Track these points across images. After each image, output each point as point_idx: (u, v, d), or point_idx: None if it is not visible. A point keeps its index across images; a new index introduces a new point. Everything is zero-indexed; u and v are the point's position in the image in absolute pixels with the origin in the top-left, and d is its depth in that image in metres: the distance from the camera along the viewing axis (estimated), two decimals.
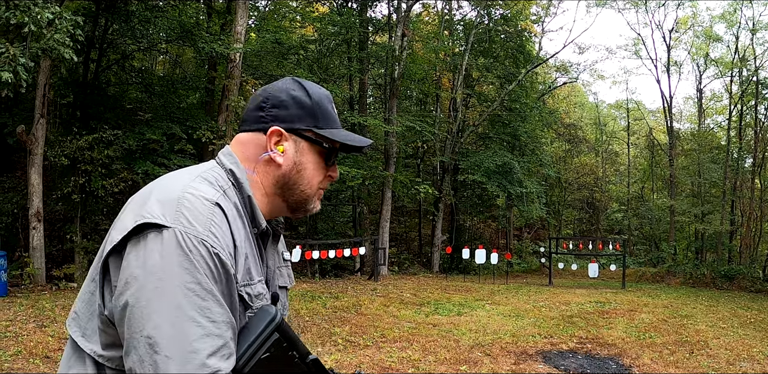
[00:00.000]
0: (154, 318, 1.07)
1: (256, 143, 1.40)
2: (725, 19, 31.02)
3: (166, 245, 1.12)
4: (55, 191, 13.69)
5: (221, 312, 1.13)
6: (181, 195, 1.20)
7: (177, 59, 25.01)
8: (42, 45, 10.29)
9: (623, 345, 10.25)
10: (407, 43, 23.05)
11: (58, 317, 8.94)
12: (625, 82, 64.48)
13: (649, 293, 19.01)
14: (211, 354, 1.09)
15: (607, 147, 45.04)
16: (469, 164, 24.87)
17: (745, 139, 29.38)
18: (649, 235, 37.87)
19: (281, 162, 1.39)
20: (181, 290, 1.10)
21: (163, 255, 1.11)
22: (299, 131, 1.40)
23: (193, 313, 1.09)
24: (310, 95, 1.41)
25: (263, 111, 1.40)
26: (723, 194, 28.08)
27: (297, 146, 1.40)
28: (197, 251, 1.13)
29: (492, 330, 11.07)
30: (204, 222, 1.17)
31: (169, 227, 1.13)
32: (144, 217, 1.15)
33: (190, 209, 1.17)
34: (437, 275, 22.98)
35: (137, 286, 1.10)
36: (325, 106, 1.43)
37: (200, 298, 1.11)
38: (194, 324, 1.09)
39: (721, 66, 32.76)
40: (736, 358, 9.74)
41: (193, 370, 1.06)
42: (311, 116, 1.40)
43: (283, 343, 1.24)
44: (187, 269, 1.11)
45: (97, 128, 14.04)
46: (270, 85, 1.45)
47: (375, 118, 22.32)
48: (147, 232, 1.13)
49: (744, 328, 12.82)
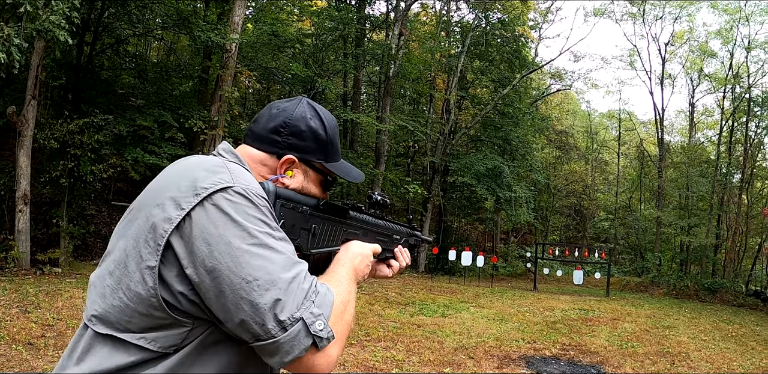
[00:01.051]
0: (252, 264, 1.16)
1: (267, 164, 1.48)
2: (721, 36, 31.20)
3: (236, 201, 1.21)
4: (44, 175, 13.49)
5: (292, 247, 1.27)
6: (227, 164, 1.31)
7: (172, 46, 24.89)
8: (37, 26, 10.16)
9: (606, 354, 10.25)
10: (404, 43, 23.01)
11: (42, 303, 8.82)
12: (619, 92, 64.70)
13: (632, 302, 19.06)
14: (305, 273, 1.24)
15: (597, 156, 45.20)
16: (459, 166, 24.87)
17: (735, 155, 29.56)
18: (635, 245, 37.99)
19: (288, 184, 1.48)
20: (263, 235, 1.20)
21: (237, 209, 1.20)
22: (311, 162, 1.51)
23: (279, 250, 1.21)
24: (326, 128, 1.52)
25: (280, 136, 1.48)
26: (710, 207, 28.21)
27: (306, 175, 1.52)
28: (262, 201, 1.25)
29: (476, 332, 11.04)
30: (255, 184, 1.30)
31: (233, 185, 1.22)
32: (207, 188, 1.21)
33: (240, 173, 1.29)
34: (423, 276, 22.93)
35: (224, 243, 1.16)
36: (336, 139, 1.56)
37: (276, 239, 1.23)
38: (284, 257, 1.21)
39: (714, 82, 32.96)
40: (717, 371, 9.75)
41: (302, 291, 1.20)
42: (323, 151, 1.53)
43: (289, 205, 1.39)
44: (260, 218, 1.22)
45: (88, 111, 13.89)
46: (287, 107, 1.52)
47: (368, 115, 22.27)
48: (212, 196, 1.20)
49: (725, 342, 12.86)
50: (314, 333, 1.17)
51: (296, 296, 1.17)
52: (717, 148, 31.11)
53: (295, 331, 1.15)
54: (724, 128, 30.47)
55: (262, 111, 1.54)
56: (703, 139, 37.55)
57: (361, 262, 1.56)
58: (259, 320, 1.14)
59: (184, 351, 1.21)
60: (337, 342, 1.23)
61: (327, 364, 1.22)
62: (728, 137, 29.80)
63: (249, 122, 1.58)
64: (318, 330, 1.18)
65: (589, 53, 67.63)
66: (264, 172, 1.47)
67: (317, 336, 1.17)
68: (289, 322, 1.15)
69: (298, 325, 1.16)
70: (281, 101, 1.55)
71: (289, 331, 1.15)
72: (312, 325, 1.17)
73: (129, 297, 1.21)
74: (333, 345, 1.22)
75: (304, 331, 1.16)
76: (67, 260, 13.45)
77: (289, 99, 1.56)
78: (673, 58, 34.98)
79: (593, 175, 44.06)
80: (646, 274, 29.82)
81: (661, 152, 32.25)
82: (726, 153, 29.82)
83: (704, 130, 38.87)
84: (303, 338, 1.16)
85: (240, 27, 16.01)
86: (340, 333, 1.25)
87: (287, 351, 1.16)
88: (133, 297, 1.20)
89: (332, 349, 1.22)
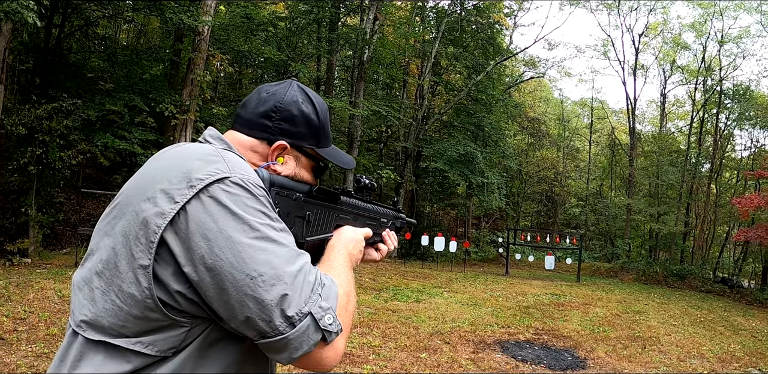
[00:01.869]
0: (255, 259, 1.11)
1: (258, 151, 1.42)
2: (695, 29, 31.55)
3: (235, 192, 1.15)
4: (11, 162, 13.13)
5: (292, 238, 1.22)
6: (221, 153, 1.24)
7: (142, 29, 24.43)
8: (5, 7, 9.86)
9: (578, 338, 10.36)
10: (378, 27, 22.86)
11: (12, 295, 8.63)
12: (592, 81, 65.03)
13: (603, 287, 19.29)
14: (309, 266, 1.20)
15: (569, 143, 45.53)
16: (432, 152, 24.90)
17: (705, 145, 30.01)
18: (605, 231, 38.48)
19: (280, 171, 1.42)
20: (265, 227, 1.15)
21: (236, 201, 1.14)
22: (302, 147, 1.46)
23: (282, 242, 1.16)
24: (318, 113, 1.47)
25: (271, 121, 1.42)
26: (679, 196, 28.63)
27: (297, 161, 1.47)
28: (261, 192, 1.20)
29: (450, 318, 11.08)
30: (253, 173, 1.24)
31: (230, 176, 1.16)
32: (202, 179, 1.15)
33: (237, 162, 1.23)
34: (395, 261, 22.95)
35: (225, 238, 1.11)
36: (328, 124, 1.51)
37: (277, 231, 1.18)
38: (287, 250, 1.16)
39: (686, 73, 33.38)
40: (687, 355, 9.92)
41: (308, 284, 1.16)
42: (315, 136, 1.47)
43: (284, 192, 1.34)
44: (260, 209, 1.17)
45: (56, 96, 13.56)
46: (278, 90, 1.46)
47: (341, 100, 22.09)
48: (209, 188, 1.14)
49: (694, 326, 13.08)
50: (324, 327, 1.14)
51: (303, 290, 1.14)
52: (687, 138, 31.61)
53: (304, 326, 1.12)
54: (695, 119, 30.94)
55: (251, 95, 1.48)
56: (674, 129, 38.08)
57: (355, 247, 1.54)
58: (266, 317, 1.10)
59: (184, 353, 1.16)
60: (344, 333, 1.21)
61: (335, 357, 1.19)
62: (699, 128, 30.28)
63: (237, 107, 1.51)
64: (327, 324, 1.15)
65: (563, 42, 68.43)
66: (254, 159, 1.41)
67: (327, 330, 1.15)
68: (297, 318, 1.11)
69: (306, 320, 1.12)
70: (270, 85, 1.49)
71: (297, 327, 1.11)
72: (321, 319, 1.14)
73: (122, 300, 1.14)
74: (340, 338, 1.19)
75: (314, 326, 1.13)
76: (37, 250, 13.17)
77: (278, 82, 1.50)
78: (647, 49, 35.35)
79: (565, 162, 44.40)
80: (616, 260, 30.26)
81: (632, 141, 32.61)
82: (696, 143, 30.31)
83: (675, 120, 39.42)
84: (312, 333, 1.13)
85: (212, 9, 15.75)
86: (346, 324, 1.23)
87: (296, 347, 1.13)
88: (127, 299, 1.13)
89: (340, 341, 1.19)
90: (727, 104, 29.42)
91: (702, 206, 28.87)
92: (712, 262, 28.22)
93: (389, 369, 7.16)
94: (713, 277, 25.19)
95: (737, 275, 27.48)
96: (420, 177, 28.83)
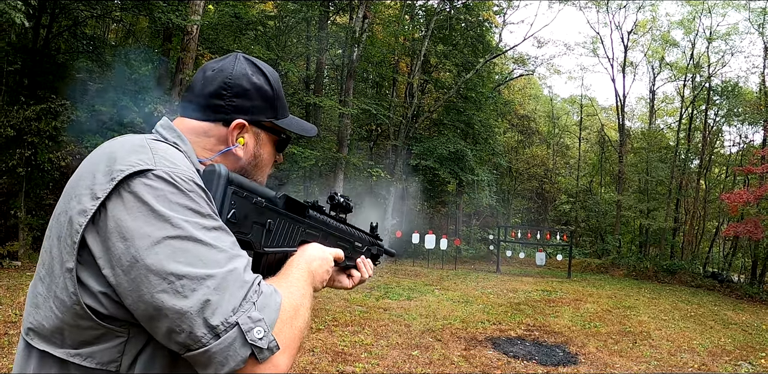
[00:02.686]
0: (175, 260, 0.98)
1: (215, 135, 1.30)
2: (683, 26, 31.72)
3: (157, 186, 1.03)
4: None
5: (230, 239, 1.08)
6: (149, 143, 1.13)
7: (131, 29, 24.32)
8: None
9: (569, 334, 10.40)
10: (368, 26, 22.84)
11: (3, 299, 8.59)
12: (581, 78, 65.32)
13: (593, 283, 19.36)
14: (243, 270, 1.05)
15: (558, 140, 45.61)
16: (422, 150, 24.93)
17: (693, 141, 30.17)
18: (596, 227, 38.59)
19: (242, 155, 1.33)
20: (191, 226, 1.02)
21: (158, 196, 1.02)
22: (261, 122, 1.36)
23: (210, 243, 1.03)
24: (271, 82, 1.36)
25: (223, 100, 1.29)
26: (669, 192, 28.77)
27: (257, 138, 1.37)
28: (190, 186, 1.06)
29: (442, 315, 11.11)
30: (183, 162, 1.13)
31: (153, 168, 1.04)
32: (122, 171, 1.03)
33: (165, 152, 1.11)
34: (386, 259, 22.97)
35: (142, 236, 0.99)
36: (282, 93, 1.41)
37: (208, 230, 1.04)
38: (216, 251, 1.03)
39: (675, 70, 33.53)
40: (677, 350, 9.98)
41: (239, 290, 1.02)
42: (272, 107, 1.37)
43: (243, 193, 1.19)
44: (187, 206, 1.04)
45: (45, 97, 13.50)
46: (224, 65, 1.33)
47: (330, 99, 22.08)
48: (129, 182, 1.02)
49: (684, 321, 13.14)
50: (252, 341, 0.99)
51: (233, 296, 1.00)
52: (676, 134, 31.74)
53: (229, 339, 0.98)
54: (684, 115, 31.08)
55: (195, 76, 1.35)
56: (663, 125, 38.22)
57: (321, 266, 1.39)
58: (186, 327, 0.97)
59: (127, 368, 1.03)
60: (286, 350, 1.06)
61: None
62: (687, 124, 30.43)
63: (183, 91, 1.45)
64: (256, 339, 1.00)
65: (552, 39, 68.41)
66: (210, 144, 1.30)
67: (256, 345, 0.99)
68: (222, 328, 0.98)
69: (233, 332, 0.98)
70: (214, 61, 1.37)
71: (222, 338, 0.97)
72: (249, 332, 0.99)
73: (57, 306, 1.05)
74: (281, 355, 1.04)
75: (240, 340, 0.99)
76: (27, 253, 13.08)
77: (222, 57, 1.37)
78: (636, 47, 35.51)
79: (555, 159, 44.49)
80: (607, 256, 30.36)
81: (621, 138, 32.74)
82: (685, 140, 30.45)
83: (664, 117, 39.56)
84: (239, 347, 0.98)
85: (201, 8, 15.72)
86: (289, 341, 1.08)
87: (221, 363, 0.98)
88: (60, 306, 1.04)
89: (280, 359, 1.04)
90: (715, 100, 29.61)
91: (691, 201, 29.05)
92: (702, 257, 28.40)
93: (381, 367, 7.17)
94: (703, 272, 25.32)
95: (727, 270, 27.64)
96: (410, 175, 28.85)
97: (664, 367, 8.68)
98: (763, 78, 27.61)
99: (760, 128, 27.17)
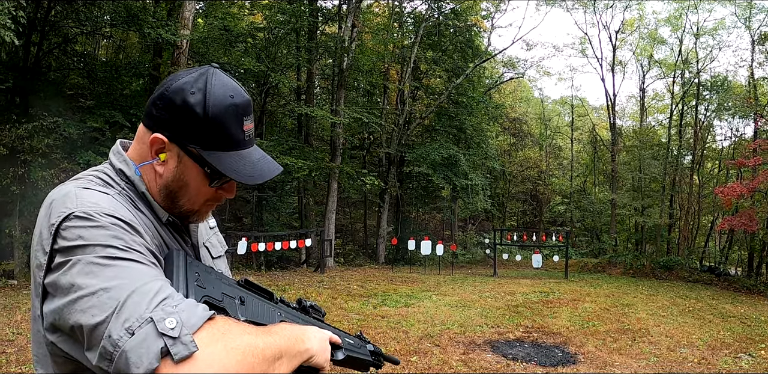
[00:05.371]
0: (92, 281, 0.98)
1: (145, 142, 1.26)
2: (671, 23, 31.85)
3: (76, 225, 1.06)
4: None
5: (151, 271, 1.05)
6: (75, 189, 1.16)
7: (121, 44, 24.36)
8: None
9: (568, 334, 10.42)
10: (357, 35, 22.94)
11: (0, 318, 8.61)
12: (571, 79, 65.50)
13: (591, 283, 19.36)
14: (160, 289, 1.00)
15: (551, 142, 45.74)
16: (415, 156, 24.97)
17: (685, 137, 30.27)
18: (591, 227, 38.67)
19: (161, 172, 1.26)
20: (115, 249, 1.03)
21: (82, 235, 1.05)
22: (185, 144, 1.23)
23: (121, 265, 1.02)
24: (207, 106, 1.19)
25: (156, 109, 1.23)
26: (662, 188, 28.79)
27: (179, 161, 1.25)
28: (108, 219, 1.08)
29: (440, 320, 11.12)
30: (107, 201, 1.14)
31: (74, 210, 1.08)
32: (54, 223, 1.08)
33: (88, 195, 1.14)
34: (383, 267, 22.98)
35: (66, 268, 1.02)
36: (220, 122, 1.21)
37: (125, 252, 1.05)
38: (134, 271, 1.02)
39: (664, 67, 33.66)
40: (677, 345, 10.00)
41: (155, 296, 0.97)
42: (198, 133, 1.21)
43: (204, 268, 1.18)
44: (104, 234, 1.05)
45: (36, 115, 13.52)
46: (181, 75, 1.25)
47: (322, 109, 22.15)
48: (59, 229, 1.07)
49: (683, 316, 13.16)
50: (162, 331, 0.91)
51: (150, 302, 0.96)
52: (668, 131, 31.78)
53: (143, 334, 0.91)
54: (675, 111, 31.16)
55: None
56: (654, 123, 38.30)
57: (319, 344, 1.25)
58: (106, 335, 0.93)
59: None
60: (214, 364, 0.94)
61: None
62: (678, 121, 30.49)
63: None
64: (168, 329, 0.91)
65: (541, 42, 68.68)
66: (144, 151, 1.26)
67: (167, 335, 0.91)
68: (137, 324, 0.92)
69: (147, 327, 0.92)
70: (187, 69, 1.27)
71: (136, 334, 0.91)
72: (161, 322, 0.92)
73: (39, 342, 1.14)
74: (204, 365, 0.92)
75: (154, 332, 0.91)
76: (22, 272, 13.08)
77: (197, 68, 1.27)
78: (624, 46, 35.70)
79: (547, 160, 44.57)
80: (603, 255, 30.40)
81: (613, 137, 32.88)
82: (677, 136, 30.52)
83: (655, 114, 39.66)
84: (151, 341, 0.90)
85: (191, 22, 15.80)
86: (220, 355, 0.95)
87: (135, 363, 0.89)
88: (41, 341, 1.12)
89: (198, 366, 0.92)
90: (705, 95, 29.70)
91: (685, 197, 29.10)
92: (699, 252, 28.45)
93: None
94: (700, 267, 25.37)
95: (724, 264, 27.70)
96: (404, 182, 28.90)
97: (664, 363, 8.71)
98: (751, 71, 27.71)
99: (750, 121, 27.26)
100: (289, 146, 21.60)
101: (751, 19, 27.63)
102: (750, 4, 27.25)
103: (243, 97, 1.25)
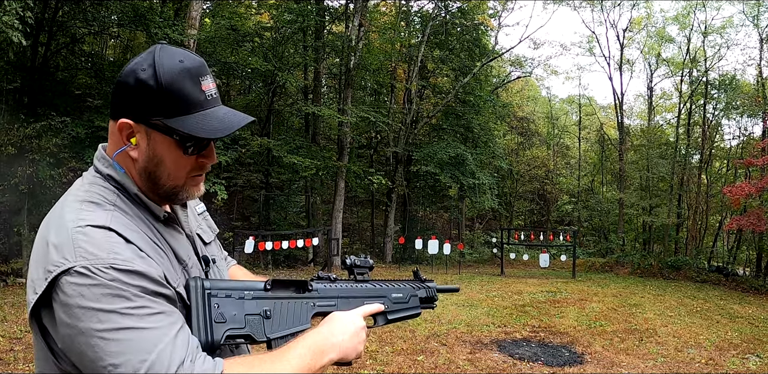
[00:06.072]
0: (110, 351, 1.05)
1: (115, 133, 1.28)
2: (678, 21, 31.71)
3: (79, 283, 1.08)
4: (2, 182, 13.15)
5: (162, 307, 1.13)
6: (73, 233, 1.15)
7: (128, 44, 24.42)
8: None
9: (575, 334, 10.41)
10: (364, 34, 22.93)
11: (8, 316, 8.66)
12: (578, 78, 65.38)
13: (598, 282, 19.33)
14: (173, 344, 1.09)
15: (558, 141, 45.61)
16: (422, 155, 24.94)
17: (693, 136, 30.17)
18: (599, 226, 38.58)
19: (136, 157, 1.28)
20: (117, 316, 1.07)
21: (83, 294, 1.07)
22: (148, 120, 1.24)
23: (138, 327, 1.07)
24: (159, 77, 1.20)
25: (115, 97, 1.26)
26: (670, 188, 28.71)
27: (149, 138, 1.26)
28: (109, 276, 1.09)
29: (447, 320, 11.12)
30: (105, 247, 1.13)
31: (74, 265, 1.09)
32: (50, 271, 1.11)
33: (85, 241, 1.13)
34: (390, 266, 23.00)
35: (78, 333, 1.07)
36: (176, 88, 1.22)
37: (137, 316, 1.08)
38: (149, 331, 1.07)
39: (672, 66, 33.50)
40: (684, 345, 9.98)
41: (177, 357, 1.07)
42: (157, 105, 1.22)
43: (222, 294, 1.24)
44: (111, 294, 1.08)
45: (45, 114, 13.58)
46: (131, 60, 1.27)
47: (329, 108, 22.18)
48: (60, 281, 1.09)
49: (691, 316, 13.13)
50: None
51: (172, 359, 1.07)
52: (676, 130, 31.70)
53: None
54: (683, 110, 31.06)
55: None
56: (662, 122, 38.17)
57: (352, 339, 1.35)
58: None
59: None
60: None
61: None
62: (686, 120, 30.39)
63: None
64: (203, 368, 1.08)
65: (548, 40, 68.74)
66: (118, 143, 1.28)
67: None
68: None
69: None
70: None
71: None
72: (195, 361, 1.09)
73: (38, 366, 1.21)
74: None
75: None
76: None
77: (146, 51, 1.28)
78: (631, 44, 35.50)
79: (555, 160, 44.44)
80: (611, 254, 30.32)
81: (621, 136, 32.77)
82: (685, 135, 30.43)
83: (663, 113, 39.48)
84: None
85: (198, 22, 15.77)
86: None
87: None
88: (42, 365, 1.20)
89: None
90: (713, 94, 29.59)
91: (693, 196, 28.97)
92: (706, 252, 28.30)
93: (386, 373, 7.19)
94: (708, 267, 25.25)
95: (732, 264, 27.55)
96: (411, 181, 28.88)
97: (671, 363, 8.69)
98: (760, 70, 27.53)
99: (759, 120, 27.14)
100: (296, 145, 21.61)
101: (759, 17, 27.48)
102: (758, 2, 27.10)
103: (194, 59, 1.27)
